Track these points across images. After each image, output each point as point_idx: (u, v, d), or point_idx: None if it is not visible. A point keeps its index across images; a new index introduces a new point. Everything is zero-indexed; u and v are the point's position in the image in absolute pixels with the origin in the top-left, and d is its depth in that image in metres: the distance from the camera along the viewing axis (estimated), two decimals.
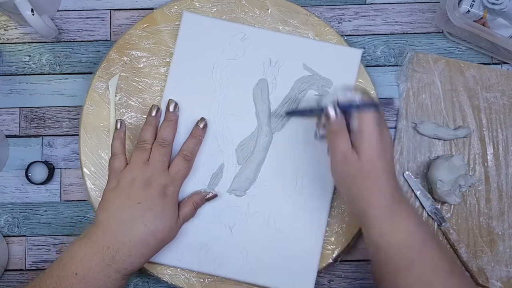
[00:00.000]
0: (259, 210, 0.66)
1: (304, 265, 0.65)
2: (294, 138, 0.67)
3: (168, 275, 0.66)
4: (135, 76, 0.70)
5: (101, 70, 0.69)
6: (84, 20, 0.73)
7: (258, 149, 0.67)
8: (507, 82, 0.71)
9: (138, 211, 0.58)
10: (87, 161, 0.68)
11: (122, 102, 0.69)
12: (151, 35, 0.70)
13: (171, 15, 0.70)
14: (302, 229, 0.66)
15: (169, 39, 0.70)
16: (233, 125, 0.68)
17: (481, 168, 0.70)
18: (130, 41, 0.70)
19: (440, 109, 0.71)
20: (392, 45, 0.73)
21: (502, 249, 0.69)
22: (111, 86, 0.69)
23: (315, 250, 0.65)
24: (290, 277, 0.65)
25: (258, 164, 0.67)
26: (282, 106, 0.68)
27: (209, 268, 0.65)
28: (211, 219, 0.66)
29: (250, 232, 0.66)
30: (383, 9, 0.73)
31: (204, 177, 0.67)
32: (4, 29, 0.73)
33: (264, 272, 0.65)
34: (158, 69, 0.70)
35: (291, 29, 0.70)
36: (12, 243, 0.70)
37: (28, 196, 0.71)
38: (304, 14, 0.70)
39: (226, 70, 0.68)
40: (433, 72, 0.71)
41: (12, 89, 0.72)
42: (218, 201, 0.66)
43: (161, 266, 0.66)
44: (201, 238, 0.66)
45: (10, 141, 0.72)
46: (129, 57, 0.70)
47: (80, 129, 0.69)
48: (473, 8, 0.67)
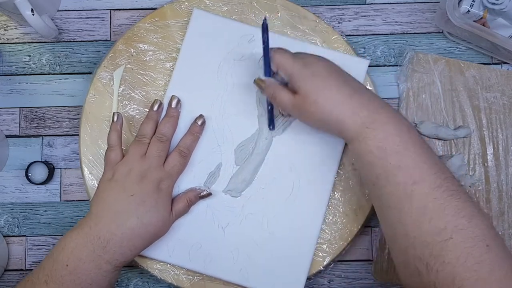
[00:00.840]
0: (253, 212, 0.66)
1: (294, 269, 0.65)
2: (294, 144, 0.67)
3: (158, 270, 0.66)
4: (140, 69, 0.70)
5: (107, 60, 0.70)
6: (84, 20, 0.73)
7: (257, 151, 0.67)
8: (507, 82, 0.71)
9: (131, 204, 0.59)
10: (87, 161, 0.68)
11: (125, 94, 0.69)
12: (160, 29, 0.70)
13: (181, 11, 0.70)
14: (295, 234, 0.66)
15: (177, 35, 0.70)
16: (234, 125, 0.67)
17: (481, 168, 0.70)
18: (138, 33, 0.70)
19: (440, 109, 0.71)
20: (392, 45, 0.73)
21: None
22: (116, 77, 0.69)
23: (306, 256, 0.65)
24: (280, 281, 0.65)
25: (256, 167, 0.67)
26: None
27: (199, 266, 0.65)
28: (204, 217, 0.66)
29: (243, 233, 0.66)
30: (383, 9, 0.73)
31: (201, 174, 0.67)
32: (4, 29, 0.73)
33: (255, 274, 0.65)
34: (164, 63, 0.70)
35: (300, 34, 0.70)
36: (12, 243, 0.70)
37: (28, 196, 0.71)
38: (313, 21, 0.70)
39: (231, 70, 0.68)
40: (433, 72, 0.71)
41: (12, 89, 0.72)
42: (213, 200, 0.66)
43: (151, 260, 0.66)
44: (193, 236, 0.66)
45: (10, 141, 0.72)
46: (135, 50, 0.70)
47: (81, 121, 0.69)
48: (473, 8, 0.67)
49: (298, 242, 0.66)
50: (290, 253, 0.65)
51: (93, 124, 0.69)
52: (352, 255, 0.70)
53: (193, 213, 0.66)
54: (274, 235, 0.66)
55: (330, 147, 0.67)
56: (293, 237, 0.66)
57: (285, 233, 0.66)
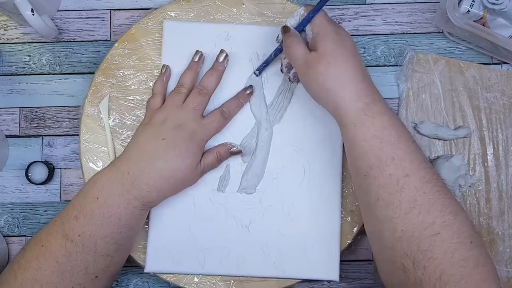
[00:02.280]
0: (272, 204, 0.66)
1: (326, 249, 0.65)
2: (294, 128, 0.67)
3: (195, 284, 0.66)
4: (125, 95, 0.69)
5: (90, 95, 0.69)
6: (84, 20, 0.73)
7: (261, 144, 0.67)
8: (507, 82, 0.71)
9: (161, 146, 0.60)
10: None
11: (117, 123, 0.69)
12: (133, 51, 0.70)
13: (149, 29, 0.70)
14: (318, 214, 0.66)
15: (152, 52, 0.70)
16: (231, 125, 0.67)
17: (481, 168, 0.70)
18: (114, 61, 0.69)
19: (440, 109, 0.71)
20: (392, 45, 0.73)
21: (502, 249, 0.69)
22: (103, 109, 0.69)
23: (334, 233, 0.65)
24: (315, 264, 0.65)
25: (264, 159, 0.67)
26: (277, 98, 0.68)
27: (233, 270, 0.65)
28: (226, 221, 0.66)
29: (267, 227, 0.66)
30: (383, 9, 0.73)
31: (212, 181, 0.67)
32: (4, 29, 0.73)
33: (289, 263, 0.65)
34: (146, 83, 0.69)
35: (270, 20, 0.70)
36: (12, 243, 0.70)
37: (28, 196, 0.71)
38: (279, 3, 0.70)
39: None
40: (433, 72, 0.71)
41: (12, 89, 0.72)
42: (230, 202, 0.66)
43: (186, 276, 0.66)
44: (220, 242, 0.66)
45: (10, 141, 0.72)
46: (115, 78, 0.69)
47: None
48: (473, 8, 0.67)
49: (322, 221, 0.66)
50: (318, 233, 0.66)
51: (93, 160, 0.68)
52: (352, 255, 0.70)
53: (214, 220, 0.66)
54: (297, 221, 0.66)
55: (330, 122, 0.66)
56: (316, 218, 0.66)
57: (308, 216, 0.66)
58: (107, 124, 0.69)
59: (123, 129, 0.69)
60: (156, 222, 0.65)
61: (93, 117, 0.69)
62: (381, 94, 0.57)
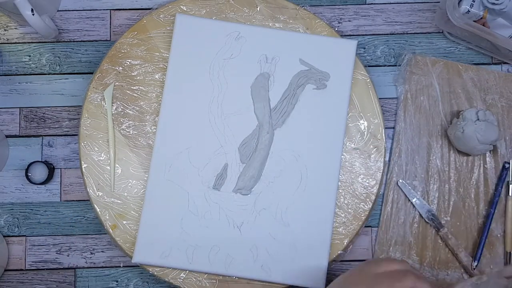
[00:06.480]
0: (266, 207, 0.67)
1: (314, 257, 0.66)
2: (295, 134, 0.68)
3: (181, 279, 0.66)
4: (130, 84, 0.69)
5: (95, 81, 0.69)
6: (84, 20, 0.73)
7: (261, 146, 0.67)
8: (505, 84, 0.71)
9: None
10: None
11: (119, 112, 0.69)
12: (142, 42, 0.70)
13: (161, 21, 0.70)
14: (310, 222, 0.66)
15: (161, 45, 0.70)
16: (234, 124, 0.68)
17: (481, 169, 0.70)
18: (122, 50, 0.70)
19: (438, 111, 0.70)
20: (392, 45, 0.73)
21: (501, 252, 0.69)
22: (107, 96, 0.69)
23: (324, 242, 0.66)
24: (302, 271, 0.65)
25: (262, 162, 0.67)
26: (281, 102, 0.68)
27: (220, 269, 0.66)
28: (218, 219, 0.66)
29: (258, 229, 0.66)
30: (383, 9, 0.73)
31: (208, 178, 0.67)
32: (4, 29, 0.73)
33: (276, 268, 0.66)
34: (152, 75, 0.69)
35: (282, 24, 0.70)
36: (12, 243, 0.70)
37: (28, 196, 0.71)
38: (292, 9, 0.70)
39: (223, 70, 0.68)
40: (431, 74, 0.71)
41: (12, 89, 0.72)
42: (224, 201, 0.66)
43: (173, 270, 0.66)
44: (210, 240, 0.66)
45: (10, 141, 0.72)
46: (122, 66, 0.69)
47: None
48: (473, 8, 0.67)
49: (314, 229, 0.66)
50: (308, 241, 0.66)
51: (91, 147, 0.68)
52: (352, 255, 0.70)
53: (207, 218, 0.66)
54: (289, 226, 0.66)
55: (332, 133, 0.67)
56: (308, 226, 0.66)
57: (300, 223, 0.66)
58: (110, 112, 0.69)
59: (124, 118, 0.69)
60: (149, 213, 0.66)
61: (96, 103, 0.69)
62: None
